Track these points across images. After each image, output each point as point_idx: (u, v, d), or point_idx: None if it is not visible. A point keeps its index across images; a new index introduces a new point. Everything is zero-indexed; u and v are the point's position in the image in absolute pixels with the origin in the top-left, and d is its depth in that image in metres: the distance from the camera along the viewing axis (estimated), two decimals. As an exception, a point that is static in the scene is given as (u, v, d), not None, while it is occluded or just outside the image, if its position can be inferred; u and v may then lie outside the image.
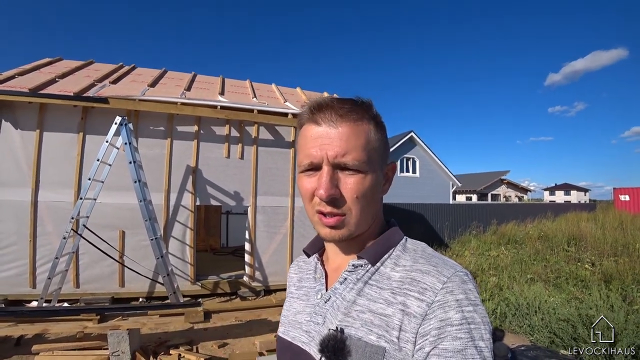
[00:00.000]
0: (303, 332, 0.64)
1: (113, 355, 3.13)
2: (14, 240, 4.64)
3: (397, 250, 0.62)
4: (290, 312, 0.71)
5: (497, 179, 34.81)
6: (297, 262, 0.82)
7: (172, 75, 7.02)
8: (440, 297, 0.51)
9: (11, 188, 4.66)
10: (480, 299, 0.53)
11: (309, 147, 0.58)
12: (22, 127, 4.74)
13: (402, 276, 0.57)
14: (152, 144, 5.16)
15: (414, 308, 0.52)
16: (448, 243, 10.61)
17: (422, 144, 18.80)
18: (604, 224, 11.50)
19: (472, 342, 0.48)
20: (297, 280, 0.76)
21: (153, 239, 4.12)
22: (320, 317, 0.62)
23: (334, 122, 0.57)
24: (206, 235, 8.57)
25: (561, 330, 4.04)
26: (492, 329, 0.51)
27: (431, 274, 0.55)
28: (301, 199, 0.63)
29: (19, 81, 4.93)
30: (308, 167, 0.59)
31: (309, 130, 0.59)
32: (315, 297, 0.66)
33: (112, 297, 4.83)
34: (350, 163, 0.56)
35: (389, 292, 0.56)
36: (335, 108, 0.58)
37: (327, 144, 0.56)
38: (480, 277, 6.63)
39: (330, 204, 0.57)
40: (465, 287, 0.53)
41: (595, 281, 6.21)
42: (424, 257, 0.59)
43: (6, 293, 4.57)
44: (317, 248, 0.72)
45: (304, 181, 0.60)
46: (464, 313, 0.50)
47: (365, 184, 0.58)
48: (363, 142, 0.57)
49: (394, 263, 0.60)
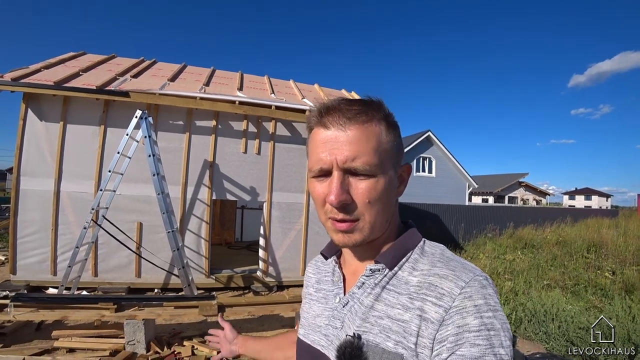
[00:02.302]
0: (322, 335, 0.64)
1: (129, 344, 3.21)
2: (37, 228, 4.80)
3: (415, 254, 0.61)
4: (309, 314, 0.71)
5: (515, 182, 34.05)
6: (316, 262, 0.81)
7: (192, 70, 7.10)
8: (458, 302, 0.50)
9: (35, 178, 4.81)
10: (500, 305, 0.51)
11: (318, 151, 0.57)
12: (47, 119, 4.88)
13: (419, 281, 0.56)
14: (171, 138, 5.24)
15: (431, 314, 0.51)
16: (463, 245, 10.45)
17: (439, 144, 18.54)
18: (626, 231, 11.13)
19: (491, 349, 0.46)
20: (315, 281, 0.76)
21: (170, 232, 4.18)
22: (338, 321, 0.62)
23: (342, 126, 0.55)
24: (221, 229, 8.67)
25: (579, 340, 3.92)
26: (511, 336, 0.50)
27: (449, 278, 0.53)
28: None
29: (45, 74, 5.06)
30: (318, 172, 0.57)
31: (317, 134, 0.58)
32: (333, 301, 0.66)
33: (128, 287, 4.95)
34: (360, 167, 0.54)
35: (407, 297, 0.55)
36: (343, 110, 0.56)
37: (336, 149, 0.55)
38: (496, 281, 6.50)
39: (342, 210, 0.55)
40: (485, 292, 0.51)
41: (616, 290, 6.01)
42: (442, 261, 0.57)
43: (29, 279, 4.75)
44: (335, 250, 0.72)
45: (316, 186, 0.59)
46: (482, 319, 0.48)
47: (377, 187, 0.56)
48: (374, 144, 0.55)
49: (411, 267, 0.59)
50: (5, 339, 3.31)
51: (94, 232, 4.40)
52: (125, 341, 3.20)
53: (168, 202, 4.35)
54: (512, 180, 33.79)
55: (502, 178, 35.29)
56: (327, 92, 7.35)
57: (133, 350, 3.17)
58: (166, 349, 3.28)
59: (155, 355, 3.14)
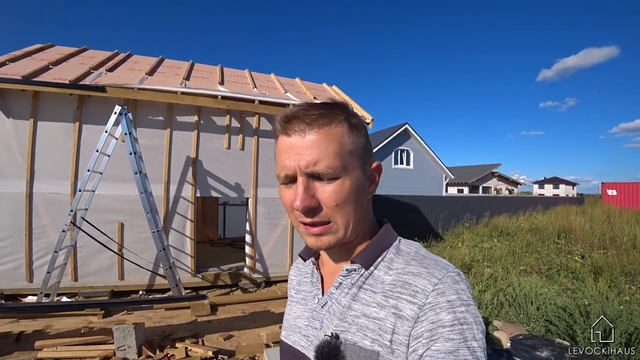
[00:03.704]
0: (302, 336, 0.66)
1: (119, 350, 3.10)
2: (9, 233, 4.51)
3: (391, 253, 0.62)
4: (290, 316, 0.72)
5: (489, 172, 35.22)
6: (297, 264, 0.82)
7: (170, 64, 6.84)
8: (432, 299, 0.51)
9: (5, 179, 4.52)
10: (473, 299, 0.53)
11: (282, 158, 0.57)
12: (15, 116, 4.58)
13: (394, 279, 0.57)
14: (151, 134, 5.05)
15: (406, 311, 0.52)
16: (442, 235, 10.75)
17: (417, 136, 18.89)
18: (592, 218, 11.80)
19: (465, 342, 0.48)
20: (296, 283, 0.77)
21: (155, 232, 4.06)
22: (317, 322, 0.63)
23: (302, 132, 0.56)
24: (203, 226, 8.50)
25: (558, 319, 4.15)
26: (484, 329, 0.51)
27: (422, 276, 0.55)
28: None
29: (11, 68, 4.73)
30: (284, 179, 0.58)
31: (281, 142, 0.59)
32: (312, 302, 0.67)
33: (111, 290, 4.77)
34: (323, 171, 0.55)
35: (382, 296, 0.57)
36: (301, 116, 0.56)
37: (299, 154, 0.55)
38: (476, 269, 6.75)
39: (309, 215, 0.56)
40: (457, 288, 0.53)
41: (586, 273, 6.39)
42: (416, 259, 0.59)
43: (2, 287, 4.46)
44: (313, 252, 0.72)
45: (284, 193, 0.59)
46: (456, 314, 0.50)
47: (344, 190, 0.56)
48: (335, 147, 0.56)
49: (387, 266, 0.60)
50: (-19, 351, 3.12)
51: (72, 235, 4.20)
52: (115, 347, 3.08)
53: (152, 201, 4.21)
54: (485, 170, 34.94)
55: (476, 169, 36.43)
56: (308, 86, 7.30)
57: (124, 355, 3.07)
58: (158, 352, 3.20)
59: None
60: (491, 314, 4.61)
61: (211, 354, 3.18)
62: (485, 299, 5.04)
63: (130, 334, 3.10)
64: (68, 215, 4.03)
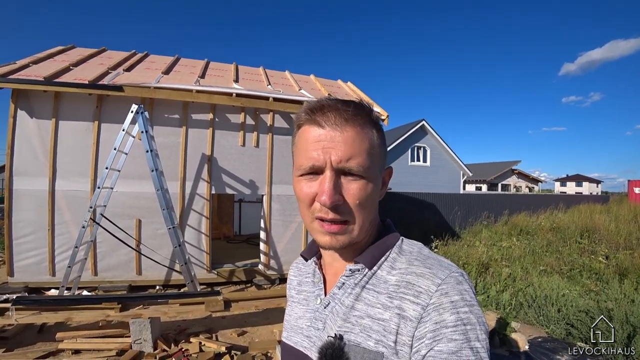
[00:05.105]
0: (304, 337, 0.65)
1: (135, 343, 3.17)
2: (33, 229, 4.68)
3: (394, 253, 0.62)
4: (291, 317, 0.72)
5: (508, 169, 34.41)
6: (297, 264, 0.81)
7: (185, 63, 6.94)
8: (435, 299, 0.51)
9: (29, 177, 4.68)
10: (476, 299, 0.53)
11: (310, 149, 0.56)
12: (38, 116, 4.73)
13: (397, 280, 0.57)
14: (167, 132, 5.13)
15: (409, 312, 0.52)
16: (459, 233, 10.55)
17: (434, 133, 18.58)
18: (617, 217, 11.33)
19: (468, 343, 0.48)
20: (297, 283, 0.76)
21: (171, 228, 4.13)
22: (320, 322, 0.63)
23: (338, 125, 0.55)
24: (219, 223, 8.61)
25: (579, 322, 4.00)
26: (488, 329, 0.51)
27: (426, 276, 0.55)
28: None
29: (33, 70, 4.89)
30: (309, 170, 0.56)
31: (308, 132, 0.57)
32: (314, 302, 0.67)
33: (129, 285, 4.89)
34: (355, 168, 0.55)
35: (386, 297, 0.56)
36: (340, 110, 0.55)
37: (331, 148, 0.54)
38: (494, 268, 6.59)
39: (333, 211, 0.55)
40: (461, 288, 0.53)
41: (610, 274, 6.14)
42: (419, 259, 0.59)
43: (27, 280, 4.65)
44: (314, 252, 0.72)
45: (303, 185, 0.58)
46: (459, 314, 0.50)
47: (367, 190, 0.56)
48: (367, 146, 0.56)
49: (390, 266, 0.60)
50: (7, 343, 3.24)
51: (92, 231, 4.32)
52: (132, 340, 3.16)
53: (168, 198, 4.29)
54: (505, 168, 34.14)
55: (494, 166, 35.64)
56: (323, 83, 7.27)
57: (140, 349, 3.14)
58: (173, 346, 3.26)
59: (163, 353, 3.11)
60: (509, 315, 4.48)
61: (224, 349, 3.22)
62: (504, 299, 4.92)
63: (146, 327, 3.17)
64: (88, 212, 4.15)
